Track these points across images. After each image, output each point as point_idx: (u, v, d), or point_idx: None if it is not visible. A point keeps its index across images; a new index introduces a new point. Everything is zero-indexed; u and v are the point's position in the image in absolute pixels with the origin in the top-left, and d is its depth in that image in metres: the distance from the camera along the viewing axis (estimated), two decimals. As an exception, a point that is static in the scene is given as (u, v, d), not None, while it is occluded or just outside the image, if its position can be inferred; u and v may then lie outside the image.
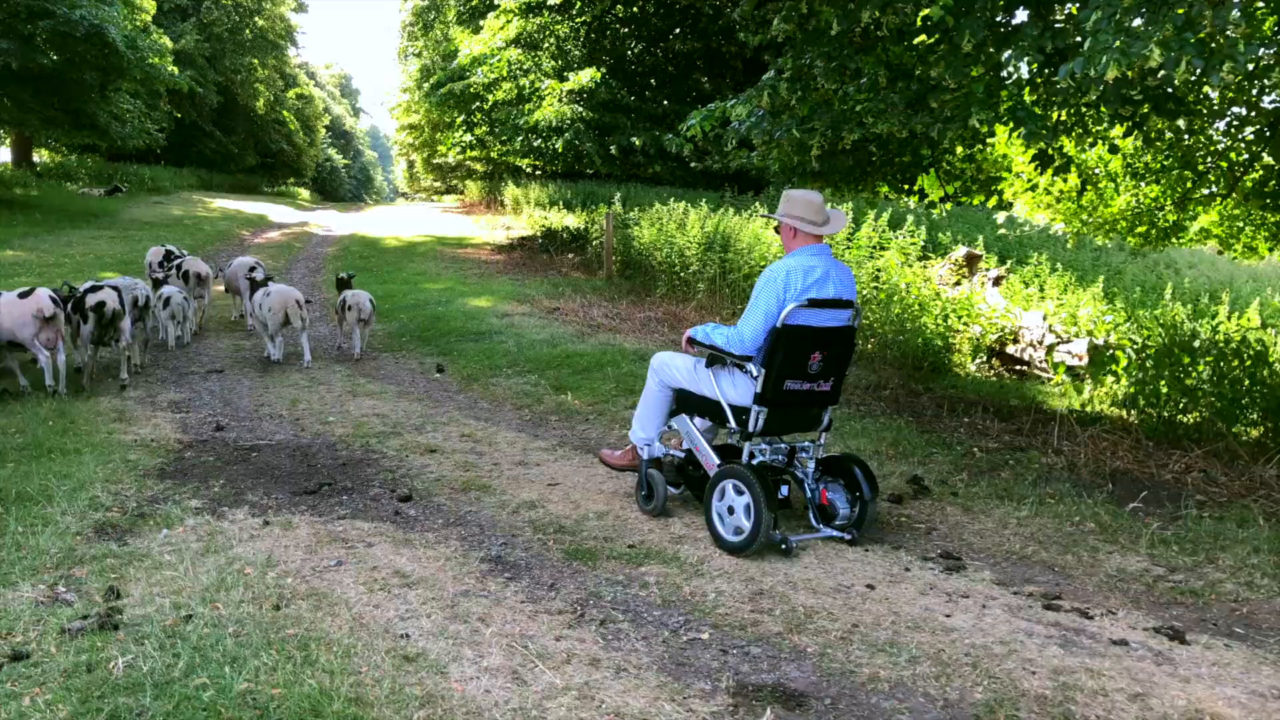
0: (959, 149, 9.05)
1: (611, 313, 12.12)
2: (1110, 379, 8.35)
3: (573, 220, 22.54)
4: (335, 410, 7.14)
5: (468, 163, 39.67)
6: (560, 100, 17.85)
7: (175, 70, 27.01)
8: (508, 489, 5.25)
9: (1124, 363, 7.88)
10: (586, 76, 17.75)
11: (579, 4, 19.65)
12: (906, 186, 9.44)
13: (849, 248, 11.92)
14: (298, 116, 49.66)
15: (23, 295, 6.96)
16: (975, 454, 6.15)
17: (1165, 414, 6.83)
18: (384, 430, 6.57)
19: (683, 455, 4.86)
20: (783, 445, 4.62)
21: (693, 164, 18.38)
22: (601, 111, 18.09)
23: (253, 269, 10.35)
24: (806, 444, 4.65)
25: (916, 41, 7.11)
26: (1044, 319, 11.95)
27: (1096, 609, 3.90)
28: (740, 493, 4.24)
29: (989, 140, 9.27)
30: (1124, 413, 7.25)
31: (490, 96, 21.32)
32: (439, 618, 3.57)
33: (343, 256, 18.74)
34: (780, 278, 4.30)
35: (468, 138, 22.43)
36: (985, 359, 11.91)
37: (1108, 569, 4.36)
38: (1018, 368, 11.48)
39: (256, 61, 41.18)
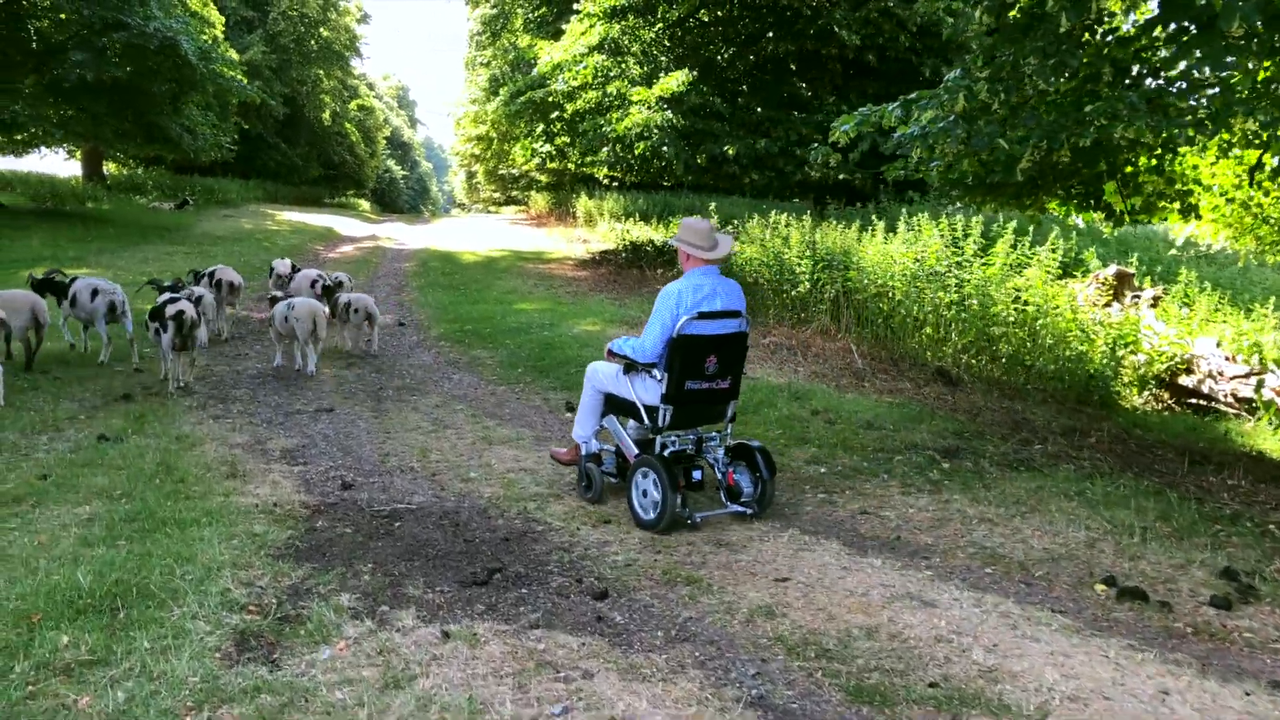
0: (1142, 159, 7.90)
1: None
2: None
3: (656, 234, 21.60)
4: (474, 463, 6.20)
5: (533, 174, 39.02)
6: (649, 107, 16.88)
7: (245, 80, 26.64)
8: (725, 584, 4.24)
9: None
10: (676, 81, 16.75)
11: (662, 6, 18.72)
12: (1092, 201, 8.28)
13: (981, 264, 10.72)
14: (359, 128, 49.53)
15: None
16: (1276, 533, 5.00)
17: None
18: (539, 491, 5.60)
19: (614, 450, 5.50)
20: (691, 436, 5.28)
21: (797, 175, 17.31)
22: (692, 118, 17.08)
23: (314, 282, 10.50)
24: (714, 434, 5.35)
25: (1156, 34, 5.99)
26: (1218, 345, 10.68)
27: None
28: (646, 478, 4.98)
29: (1182, 149, 8.13)
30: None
31: (570, 105, 20.46)
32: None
33: (422, 273, 17.98)
34: (674, 296, 4.98)
35: (547, 147, 21.58)
36: (1152, 391, 10.69)
37: None
38: (1192, 401, 10.24)
39: (322, 72, 40.98)
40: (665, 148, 16.57)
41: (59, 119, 20.67)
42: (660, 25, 19.60)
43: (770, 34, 18.61)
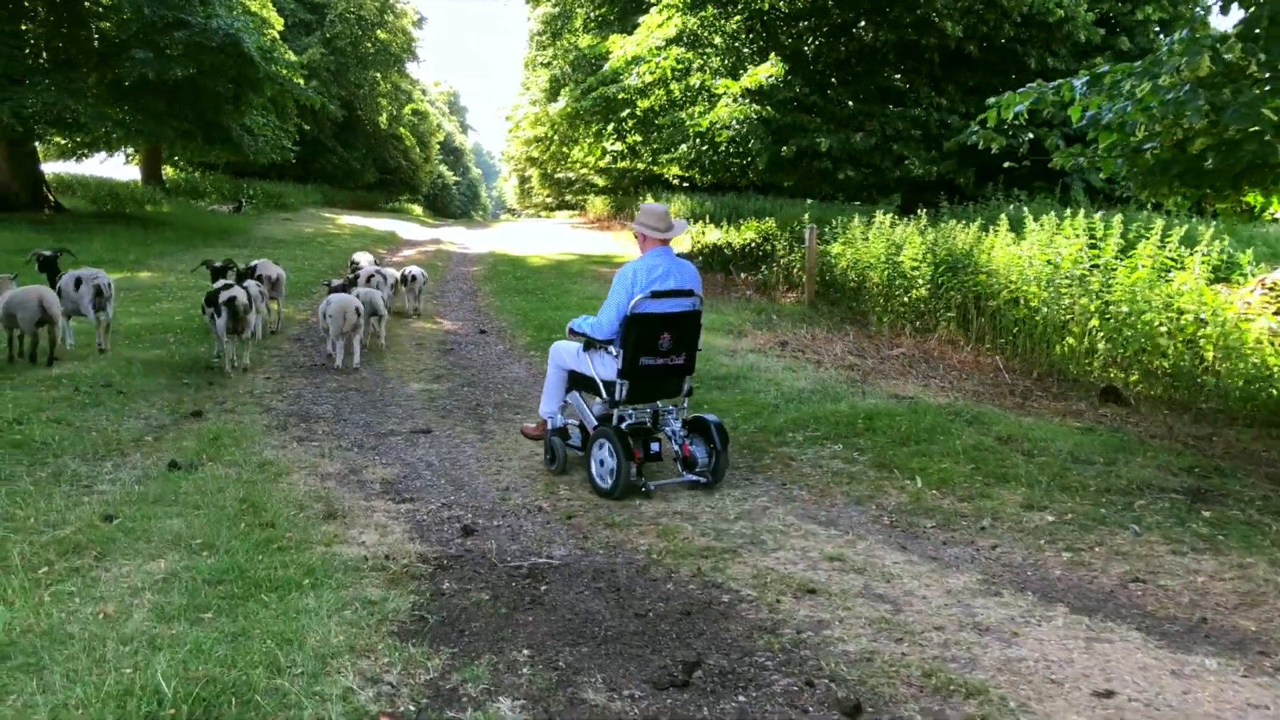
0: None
1: (853, 349, 9.95)
2: None
3: (729, 237, 20.48)
4: (615, 502, 5.13)
5: (590, 176, 38.14)
6: (736, 100, 15.79)
7: (302, 82, 26.03)
8: (1022, 697, 3.09)
9: None
10: (765, 72, 15.63)
11: (743, -2, 17.68)
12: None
13: (1125, 266, 9.39)
14: (413, 132, 49.07)
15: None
16: None
17: None
18: (708, 544, 4.51)
19: (578, 425, 5.64)
20: (647, 410, 5.45)
21: (895, 172, 16.10)
22: (783, 111, 15.95)
23: (370, 277, 10.44)
24: (670, 407, 5.54)
25: None
26: None
27: None
28: (602, 448, 5.16)
29: None
30: None
31: (642, 101, 19.46)
32: None
33: (493, 277, 17.06)
34: (629, 276, 5.19)
35: (618, 145, 20.58)
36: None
37: None
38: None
39: (379, 75, 40.50)
40: (751, 141, 15.44)
41: (121, 118, 20.12)
42: (740, 16, 18.53)
43: (863, 23, 17.44)
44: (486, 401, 7.64)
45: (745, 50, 18.25)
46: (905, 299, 11.92)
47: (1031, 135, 14.52)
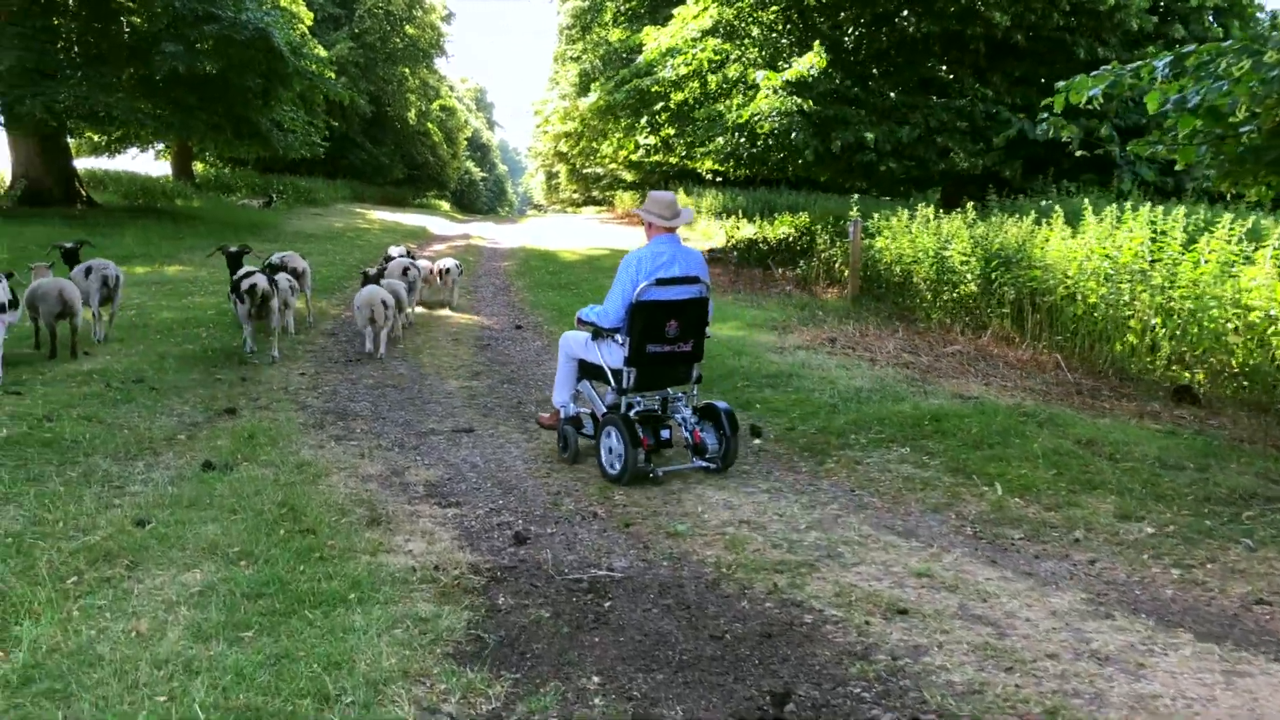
0: None
1: (905, 346, 9.57)
2: None
3: (765, 231, 20.08)
4: (673, 509, 4.81)
5: (619, 172, 37.81)
6: (776, 92, 15.37)
7: (333, 76, 25.87)
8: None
9: None
10: (807, 63, 15.20)
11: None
12: None
13: (1189, 261, 8.91)
14: (441, 128, 48.95)
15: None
16: None
17: None
18: (781, 557, 4.17)
19: (590, 414, 5.63)
20: (656, 397, 5.42)
21: (940, 165, 15.62)
22: (824, 103, 15.51)
23: (406, 270, 10.29)
24: (680, 394, 5.51)
25: None
26: None
27: None
28: (610, 436, 5.18)
29: None
30: None
31: (676, 94, 19.10)
32: None
33: (525, 272, 16.78)
34: (634, 264, 5.17)
35: (651, 139, 20.21)
36: None
37: None
38: None
39: (407, 70, 40.37)
40: (794, 134, 15.03)
41: (152, 112, 20.04)
42: (777, 7, 18.11)
43: (905, 13, 16.96)
44: (528, 399, 7.34)
45: (784, 41, 17.83)
46: (953, 295, 11.50)
47: (1061, 129, 14.05)
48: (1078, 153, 14.47)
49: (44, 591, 3.47)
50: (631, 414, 5.26)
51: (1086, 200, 11.63)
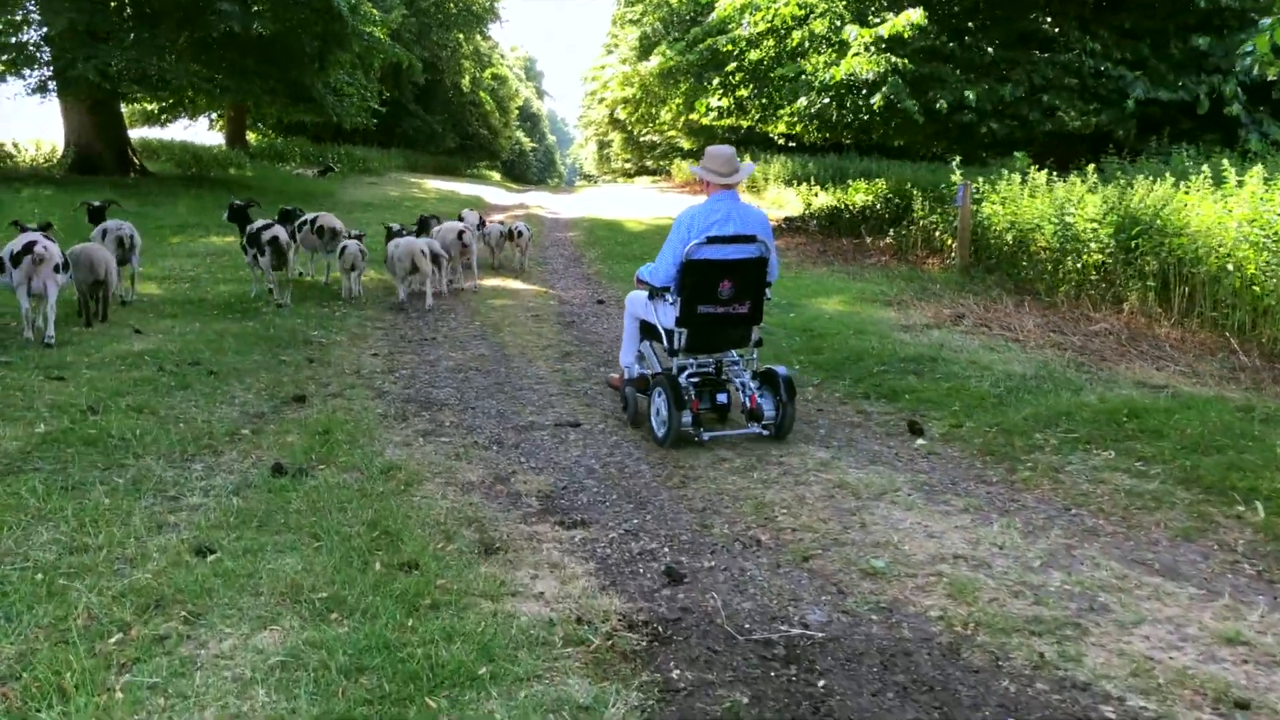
0: None
1: (1044, 324, 8.44)
2: None
3: (847, 198, 18.84)
4: (858, 535, 3.82)
5: (678, 139, 36.55)
6: (867, 49, 14.13)
7: (385, 38, 24.99)
8: None
9: None
10: (905, 20, 13.90)
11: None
12: None
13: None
14: (493, 97, 47.98)
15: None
16: None
17: None
18: (1027, 610, 3.17)
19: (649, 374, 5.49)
20: (710, 360, 5.31)
21: (1045, 125, 14.26)
22: (919, 61, 14.24)
23: (461, 233, 10.21)
24: (736, 357, 5.36)
25: None
26: None
27: None
28: (660, 396, 5.01)
29: None
30: None
31: (750, 53, 17.86)
32: None
33: (593, 243, 15.82)
34: (686, 221, 4.98)
35: (724, 101, 19.01)
36: None
37: None
38: None
39: (462, 36, 39.38)
40: (892, 95, 13.79)
41: (207, 75, 19.34)
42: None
43: (1006, -42, 15.56)
44: (633, 386, 6.38)
45: (872, -7, 16.50)
46: (1077, 265, 10.29)
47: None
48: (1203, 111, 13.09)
49: (77, 658, 2.61)
50: (684, 376, 5.11)
51: (1226, 161, 10.30)
